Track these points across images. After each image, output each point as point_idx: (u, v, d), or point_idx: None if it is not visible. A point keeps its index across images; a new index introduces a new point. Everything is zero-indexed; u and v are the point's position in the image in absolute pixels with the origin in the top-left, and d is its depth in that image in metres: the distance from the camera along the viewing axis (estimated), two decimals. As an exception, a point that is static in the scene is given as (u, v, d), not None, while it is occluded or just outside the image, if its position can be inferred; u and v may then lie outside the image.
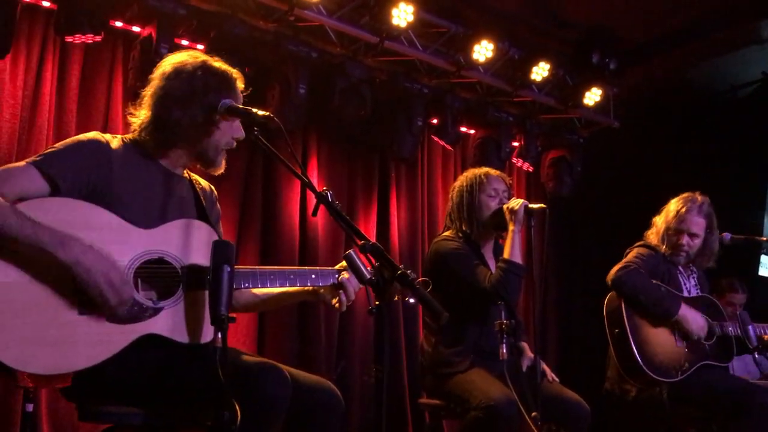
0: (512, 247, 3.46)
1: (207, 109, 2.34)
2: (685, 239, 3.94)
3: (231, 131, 2.42)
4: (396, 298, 2.49)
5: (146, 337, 2.16)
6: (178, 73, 2.37)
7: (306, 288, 2.53)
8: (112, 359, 2.09)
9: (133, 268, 2.19)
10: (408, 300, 1.91)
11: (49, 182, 2.16)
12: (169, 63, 2.42)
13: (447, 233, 3.70)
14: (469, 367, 3.40)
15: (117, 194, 2.24)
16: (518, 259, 3.46)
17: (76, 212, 2.15)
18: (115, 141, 2.36)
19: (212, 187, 2.66)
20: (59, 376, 2.07)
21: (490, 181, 3.65)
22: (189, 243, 2.29)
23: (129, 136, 2.43)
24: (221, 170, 2.49)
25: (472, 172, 3.73)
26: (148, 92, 2.41)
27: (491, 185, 3.64)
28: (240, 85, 2.46)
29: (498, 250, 3.72)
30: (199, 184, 2.58)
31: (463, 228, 3.64)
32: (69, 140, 2.30)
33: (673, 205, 4.02)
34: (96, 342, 2.08)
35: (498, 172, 3.74)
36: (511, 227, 3.50)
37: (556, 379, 3.54)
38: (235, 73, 2.45)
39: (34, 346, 1.99)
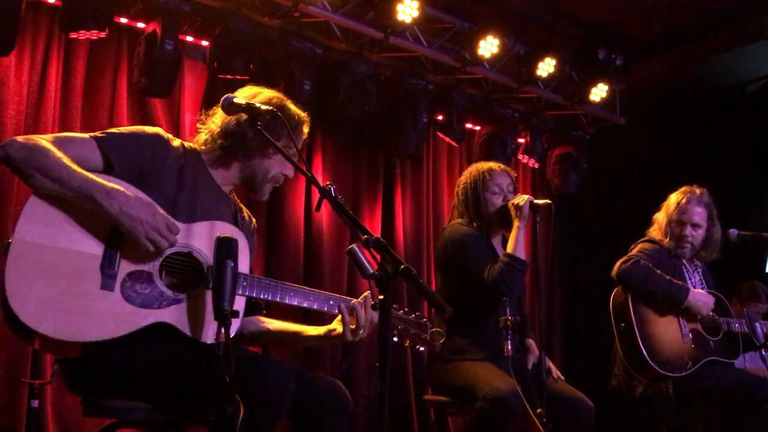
0: (516, 242, 3.45)
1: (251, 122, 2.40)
2: (687, 230, 3.93)
3: (283, 166, 2.53)
4: (406, 344, 2.55)
5: (158, 326, 2.17)
6: (256, 96, 2.50)
7: (320, 332, 2.56)
8: (121, 340, 2.11)
9: (163, 255, 2.22)
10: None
11: (104, 159, 2.25)
12: (248, 87, 2.56)
13: (460, 219, 3.68)
14: (482, 359, 3.40)
15: (162, 186, 2.31)
16: (521, 254, 3.44)
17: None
18: (175, 141, 2.46)
19: (253, 219, 2.73)
20: (68, 344, 2.08)
21: (493, 178, 3.63)
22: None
23: (189, 143, 2.51)
24: (264, 198, 2.61)
25: (476, 168, 3.70)
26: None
27: (495, 181, 3.62)
28: (305, 129, 2.58)
29: (506, 244, 3.71)
30: (242, 211, 2.65)
31: (469, 219, 3.63)
32: (132, 127, 2.40)
33: (673, 198, 4.03)
34: (109, 319, 2.10)
35: (502, 167, 3.71)
36: (515, 223, 3.48)
37: (561, 377, 3.53)
38: (304, 116, 2.58)
39: (50, 308, 2.03)
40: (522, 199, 3.50)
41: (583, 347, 6.42)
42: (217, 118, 2.51)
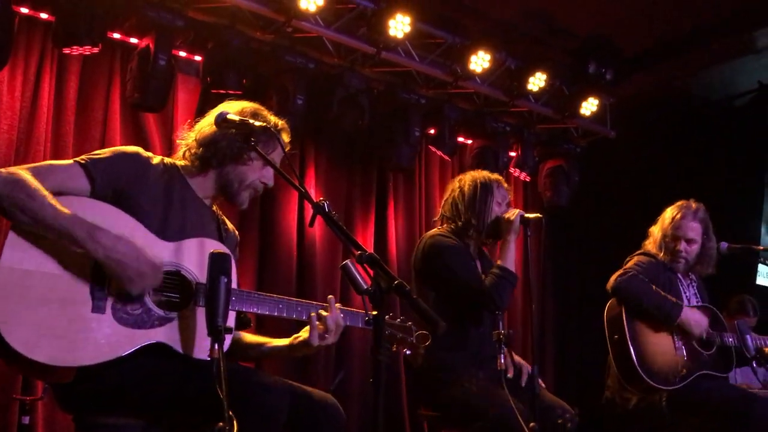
0: (507, 256, 3.45)
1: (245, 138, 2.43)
2: (682, 245, 3.96)
3: (261, 173, 2.53)
4: (393, 348, 2.55)
5: (152, 345, 2.17)
6: (231, 107, 2.52)
7: (285, 343, 2.55)
8: (116, 362, 2.10)
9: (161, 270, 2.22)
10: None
11: (91, 183, 2.26)
12: (228, 102, 2.58)
13: (441, 229, 3.64)
14: (471, 375, 3.36)
15: (141, 204, 2.31)
16: (512, 267, 3.45)
17: (104, 215, 2.20)
18: (155, 159, 2.46)
19: (236, 232, 2.73)
20: (62, 370, 2.07)
21: (501, 191, 3.62)
22: (205, 261, 2.31)
23: (169, 159, 2.53)
24: (243, 207, 2.58)
25: (485, 176, 3.64)
26: (201, 121, 2.56)
27: (501, 194, 3.61)
28: (285, 137, 2.58)
29: (481, 254, 3.71)
30: (225, 223, 2.66)
31: (460, 224, 3.56)
32: (112, 149, 2.41)
33: (669, 213, 4.04)
34: (104, 342, 2.10)
35: (506, 183, 3.70)
36: (506, 236, 3.49)
37: (543, 385, 3.52)
38: (282, 124, 2.59)
39: (42, 335, 2.02)
40: (513, 213, 3.51)
41: (575, 360, 6.42)
42: (193, 132, 2.54)
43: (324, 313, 2.45)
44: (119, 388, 2.16)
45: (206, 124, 2.52)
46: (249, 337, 2.64)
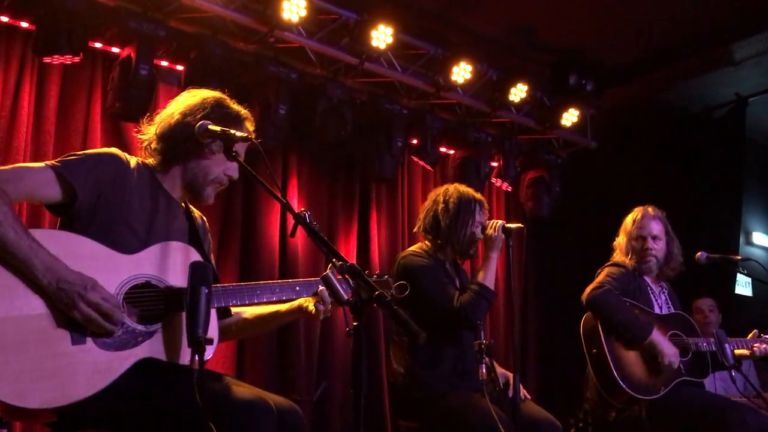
0: (487, 272, 3.48)
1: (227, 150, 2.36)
2: (649, 242, 4.02)
3: (225, 166, 2.45)
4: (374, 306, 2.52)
5: (138, 362, 2.14)
6: (193, 98, 2.46)
7: (292, 306, 2.54)
8: (109, 387, 2.06)
9: (121, 294, 2.17)
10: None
11: (64, 188, 2.19)
12: (189, 90, 2.52)
13: (414, 248, 3.67)
14: (447, 390, 3.36)
15: (131, 210, 2.28)
16: (491, 284, 3.48)
17: (61, 243, 2.13)
18: (132, 160, 2.41)
19: (204, 218, 2.68)
20: (49, 411, 2.02)
21: (482, 213, 3.63)
22: (174, 265, 2.30)
23: (140, 158, 2.47)
24: (208, 203, 2.52)
25: (470, 195, 3.66)
26: (160, 113, 2.49)
27: (481, 216, 3.63)
28: (249, 126, 2.52)
29: (457, 267, 3.73)
30: (193, 212, 2.61)
31: (438, 241, 3.60)
32: (89, 151, 2.35)
33: (629, 218, 4.14)
34: (93, 371, 2.05)
35: (487, 204, 3.72)
36: (488, 253, 3.52)
37: (528, 397, 3.53)
38: (245, 113, 2.52)
39: (30, 380, 1.96)
40: (495, 225, 3.52)
41: (557, 370, 6.43)
42: (153, 125, 2.48)
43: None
44: (105, 409, 2.12)
45: (166, 117, 2.45)
46: (251, 311, 2.62)
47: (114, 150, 2.39)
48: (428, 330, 3.32)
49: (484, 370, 3.17)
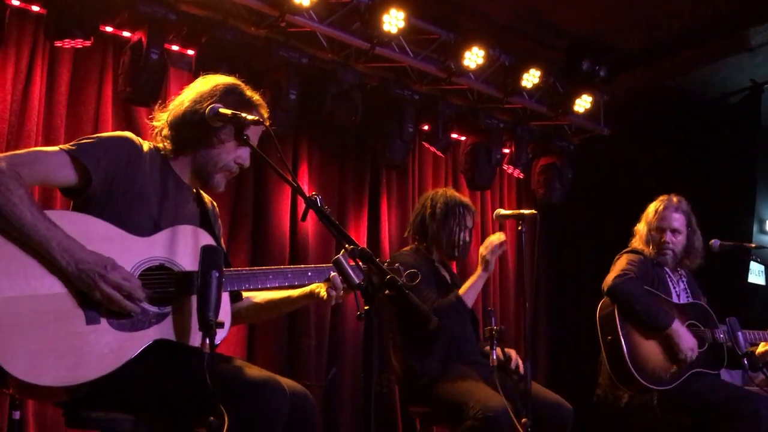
0: (471, 289, 3.56)
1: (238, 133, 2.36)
2: (668, 236, 3.98)
3: (235, 153, 2.43)
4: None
5: (153, 343, 2.15)
6: (205, 84, 2.44)
7: (304, 291, 2.54)
8: (122, 367, 2.07)
9: (136, 276, 2.18)
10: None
11: (78, 172, 2.20)
12: (202, 77, 2.50)
13: (407, 249, 3.85)
14: (442, 372, 3.42)
15: (144, 195, 2.29)
16: (470, 303, 3.56)
17: (75, 224, 2.13)
18: (145, 145, 2.41)
19: (214, 204, 2.69)
20: (62, 389, 2.04)
21: (469, 216, 3.78)
22: (186, 249, 2.30)
23: (152, 143, 2.47)
24: (219, 190, 2.51)
25: (457, 199, 3.80)
26: (173, 100, 2.48)
27: (469, 220, 3.78)
28: (263, 112, 2.48)
29: (446, 267, 3.86)
30: (203, 196, 2.61)
31: (425, 244, 3.77)
32: (103, 134, 2.36)
33: (652, 207, 4.10)
34: (107, 352, 2.06)
35: (474, 209, 3.86)
36: (479, 271, 3.59)
37: (522, 370, 3.52)
38: (258, 99, 2.49)
39: (44, 358, 1.98)
40: (489, 248, 3.56)
41: (568, 356, 6.44)
42: (165, 113, 2.48)
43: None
44: (116, 390, 2.13)
45: (177, 104, 2.44)
46: (263, 296, 2.62)
47: (127, 134, 2.40)
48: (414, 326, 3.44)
49: (494, 356, 3.18)
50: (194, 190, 2.54)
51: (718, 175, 6.24)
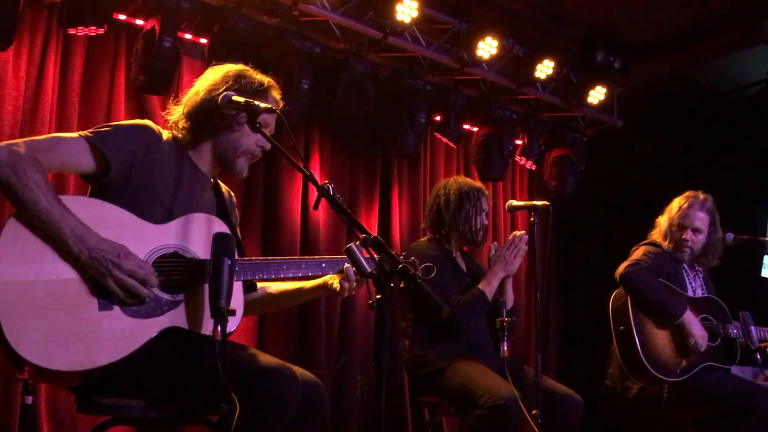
0: (491, 283, 3.55)
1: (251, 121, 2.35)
2: (688, 234, 3.94)
3: (256, 137, 2.44)
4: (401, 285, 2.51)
5: (164, 331, 2.16)
6: (216, 73, 2.46)
7: (317, 282, 2.54)
8: (134, 353, 2.08)
9: (149, 262, 2.19)
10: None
11: (97, 159, 2.22)
12: (212, 67, 2.51)
13: (424, 240, 3.82)
14: (449, 363, 3.40)
15: (162, 183, 2.30)
16: (491, 296, 3.53)
17: (90, 210, 2.15)
18: (164, 134, 2.43)
19: (231, 193, 2.70)
20: (74, 374, 2.06)
21: (483, 200, 3.74)
22: (200, 236, 2.31)
23: (171, 132, 2.48)
24: (243, 175, 2.52)
25: (469, 185, 3.76)
26: (186, 93, 2.50)
27: (484, 203, 3.74)
28: (275, 94, 2.50)
29: (465, 255, 3.83)
30: (221, 186, 2.62)
31: (443, 232, 3.73)
32: (122, 122, 2.38)
33: (676, 202, 4.05)
34: (118, 337, 2.08)
35: (486, 191, 3.82)
36: (493, 267, 3.59)
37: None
38: (269, 82, 2.50)
39: (57, 342, 2.00)
40: (497, 247, 3.60)
41: (579, 348, 6.42)
42: (180, 105, 2.49)
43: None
44: (128, 376, 2.15)
45: (192, 96, 2.46)
46: (276, 286, 2.63)
47: (147, 122, 2.42)
48: (429, 317, 3.43)
49: (505, 348, 3.17)
50: (212, 180, 2.55)
51: (733, 168, 6.19)
